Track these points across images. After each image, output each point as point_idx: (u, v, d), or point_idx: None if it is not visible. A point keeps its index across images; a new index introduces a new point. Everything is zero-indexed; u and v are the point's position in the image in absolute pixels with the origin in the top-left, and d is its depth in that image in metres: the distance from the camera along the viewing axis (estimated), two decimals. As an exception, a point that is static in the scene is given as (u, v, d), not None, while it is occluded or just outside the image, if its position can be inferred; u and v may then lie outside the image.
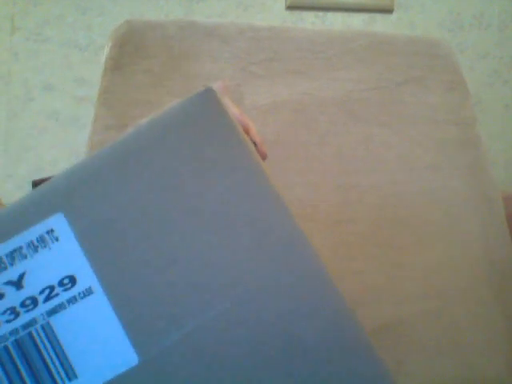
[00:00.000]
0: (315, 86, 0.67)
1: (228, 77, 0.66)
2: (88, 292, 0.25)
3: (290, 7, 1.59)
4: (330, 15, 1.61)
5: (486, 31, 1.66)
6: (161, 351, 0.24)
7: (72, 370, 0.24)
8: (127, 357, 0.24)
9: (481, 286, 0.61)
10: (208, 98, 0.26)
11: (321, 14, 1.61)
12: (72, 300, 0.25)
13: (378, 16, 1.62)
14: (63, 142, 1.50)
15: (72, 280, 0.25)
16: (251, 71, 0.66)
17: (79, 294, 0.25)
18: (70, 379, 0.24)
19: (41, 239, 0.25)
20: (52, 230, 0.25)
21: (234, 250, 0.25)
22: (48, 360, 0.24)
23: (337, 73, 0.69)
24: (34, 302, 0.24)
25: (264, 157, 0.43)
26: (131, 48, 0.64)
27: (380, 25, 1.62)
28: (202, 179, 0.26)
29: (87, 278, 0.25)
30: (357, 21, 1.62)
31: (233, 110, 0.41)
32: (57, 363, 0.24)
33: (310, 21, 1.61)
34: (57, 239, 0.25)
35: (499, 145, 1.65)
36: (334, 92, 0.67)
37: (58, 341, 0.24)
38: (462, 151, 0.67)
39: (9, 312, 0.24)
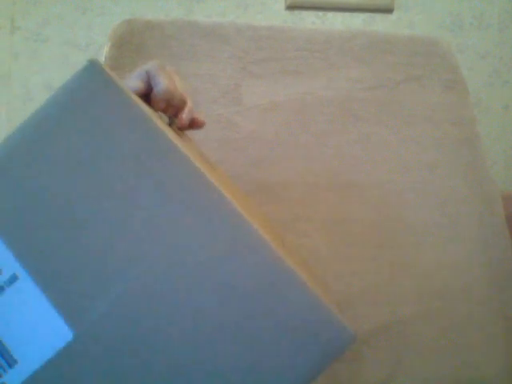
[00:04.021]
0: (314, 85, 0.67)
1: (227, 76, 0.66)
2: (13, 278, 0.25)
3: (289, 7, 1.59)
4: (330, 15, 1.61)
5: (486, 31, 1.66)
6: (92, 321, 0.25)
7: (11, 356, 0.24)
8: (62, 333, 0.25)
9: (480, 285, 0.61)
10: (94, 71, 0.26)
11: (321, 13, 1.61)
12: None
13: (378, 16, 1.62)
14: (63, 141, 1.50)
15: None
16: (250, 71, 0.66)
17: (5, 282, 0.25)
18: (10, 366, 0.24)
19: None
20: None
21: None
22: None
23: (336, 72, 0.68)
24: None
25: (183, 127, 0.42)
26: (130, 48, 0.64)
27: (380, 25, 1.62)
28: (100, 153, 0.26)
29: (10, 265, 0.25)
30: (357, 21, 1.62)
31: (162, 80, 0.39)
32: None
33: (309, 21, 1.61)
34: None
35: (499, 145, 1.65)
36: (332, 91, 0.67)
37: None
38: (460, 150, 0.67)
39: None
